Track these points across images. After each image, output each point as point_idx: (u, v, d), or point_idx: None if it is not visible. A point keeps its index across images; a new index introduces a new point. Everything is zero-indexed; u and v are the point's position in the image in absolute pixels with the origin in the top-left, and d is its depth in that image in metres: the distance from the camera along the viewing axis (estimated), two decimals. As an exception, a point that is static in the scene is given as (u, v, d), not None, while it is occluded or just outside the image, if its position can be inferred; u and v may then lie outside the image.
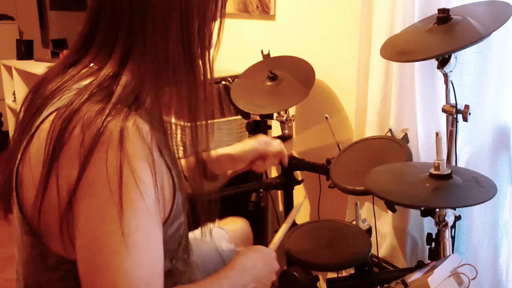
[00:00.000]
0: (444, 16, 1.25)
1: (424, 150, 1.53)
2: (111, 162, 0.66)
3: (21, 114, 0.83)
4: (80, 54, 0.81)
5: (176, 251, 0.87)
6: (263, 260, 0.96)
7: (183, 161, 1.07)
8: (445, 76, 1.30)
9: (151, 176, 0.70)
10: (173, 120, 0.87)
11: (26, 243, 0.77)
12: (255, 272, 0.92)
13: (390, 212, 1.58)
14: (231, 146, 1.17)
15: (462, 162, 1.42)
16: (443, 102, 1.34)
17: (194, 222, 0.91)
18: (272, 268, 0.97)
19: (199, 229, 1.21)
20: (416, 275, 1.04)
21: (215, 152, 1.14)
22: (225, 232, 1.23)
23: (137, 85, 0.75)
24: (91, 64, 0.79)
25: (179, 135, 1.38)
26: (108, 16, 0.78)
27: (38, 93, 0.81)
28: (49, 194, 0.69)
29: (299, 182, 1.91)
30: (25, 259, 0.78)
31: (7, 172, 0.80)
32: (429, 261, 1.28)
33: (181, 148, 0.93)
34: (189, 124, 0.84)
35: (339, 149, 1.60)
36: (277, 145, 1.19)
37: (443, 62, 1.26)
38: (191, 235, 1.01)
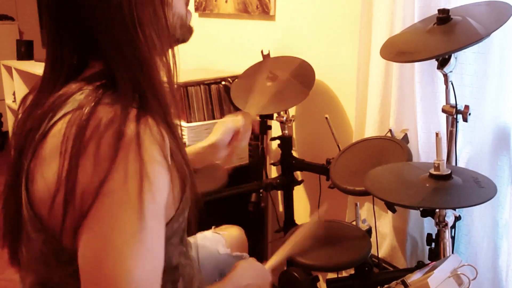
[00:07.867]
0: (444, 17, 1.25)
1: (424, 150, 1.52)
2: (129, 167, 0.68)
3: (20, 117, 0.83)
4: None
5: (180, 245, 0.88)
6: (257, 277, 1.00)
7: None
8: (445, 76, 1.30)
9: (163, 179, 0.72)
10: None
11: (36, 240, 0.77)
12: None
13: (390, 213, 1.58)
14: (205, 139, 1.17)
15: (462, 162, 1.42)
16: (443, 102, 1.34)
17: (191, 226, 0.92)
18: (267, 282, 1.01)
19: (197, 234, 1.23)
20: (416, 276, 1.04)
21: (194, 147, 1.16)
22: (221, 237, 1.25)
23: (124, 83, 0.75)
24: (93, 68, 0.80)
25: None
26: (67, 23, 0.78)
27: (40, 96, 0.81)
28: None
29: (299, 183, 1.91)
30: (36, 256, 0.79)
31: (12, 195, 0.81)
32: (429, 262, 1.28)
33: None
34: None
35: (339, 149, 1.60)
36: (241, 117, 1.20)
37: (443, 62, 1.26)
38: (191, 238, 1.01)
